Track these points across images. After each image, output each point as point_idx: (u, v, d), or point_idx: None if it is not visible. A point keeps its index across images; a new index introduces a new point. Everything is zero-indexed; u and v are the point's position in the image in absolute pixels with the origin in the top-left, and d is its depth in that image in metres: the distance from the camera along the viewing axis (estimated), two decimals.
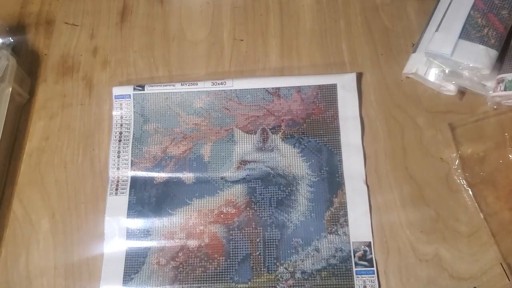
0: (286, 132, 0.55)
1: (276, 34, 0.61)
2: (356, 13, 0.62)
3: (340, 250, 0.50)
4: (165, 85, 0.58)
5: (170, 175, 0.54)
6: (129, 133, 0.57)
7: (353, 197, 0.52)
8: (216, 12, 0.64)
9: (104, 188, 0.54)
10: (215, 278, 0.50)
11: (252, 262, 0.50)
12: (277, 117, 0.56)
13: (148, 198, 0.54)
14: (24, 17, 0.66)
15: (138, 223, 0.53)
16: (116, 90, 0.58)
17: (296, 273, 0.49)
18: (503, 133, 0.53)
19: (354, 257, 0.49)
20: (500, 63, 0.52)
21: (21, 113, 0.59)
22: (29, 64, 0.62)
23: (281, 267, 0.50)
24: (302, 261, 0.50)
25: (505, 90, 0.51)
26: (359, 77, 0.57)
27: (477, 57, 0.50)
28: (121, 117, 0.58)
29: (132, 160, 0.56)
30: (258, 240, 0.51)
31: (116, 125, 0.57)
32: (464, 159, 0.52)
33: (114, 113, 0.58)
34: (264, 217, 0.52)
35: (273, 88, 0.57)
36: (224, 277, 0.50)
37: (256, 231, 0.51)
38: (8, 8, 0.66)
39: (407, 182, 0.52)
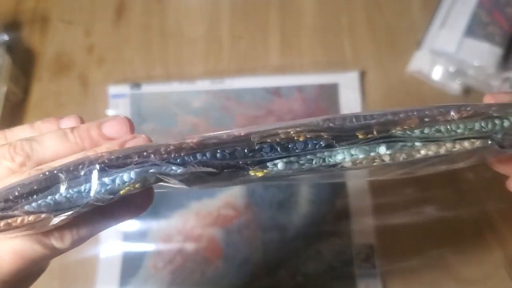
0: None
1: (277, 31, 0.60)
2: (359, 9, 0.60)
3: (342, 253, 0.49)
4: (163, 84, 0.57)
5: None
6: None
7: (355, 198, 0.50)
8: (214, 8, 0.63)
9: None
10: (214, 282, 0.49)
11: (251, 265, 0.49)
12: (277, 117, 0.55)
13: None
14: (19, 14, 0.64)
15: (134, 225, 0.52)
16: (113, 89, 0.57)
17: (296, 276, 0.48)
18: None
19: (357, 260, 0.48)
20: (505, 62, 0.51)
21: (16, 112, 0.58)
22: (24, 63, 0.61)
23: (282, 270, 0.49)
24: (303, 264, 0.49)
25: (511, 89, 0.50)
26: (362, 75, 0.56)
27: (482, 56, 0.50)
28: None
29: None
30: (257, 242, 0.50)
31: None
32: None
33: (110, 112, 0.57)
34: (264, 219, 0.51)
35: (273, 87, 0.56)
36: (223, 281, 0.49)
37: (255, 233, 0.50)
38: (2, 5, 0.65)
39: (412, 184, 0.51)
